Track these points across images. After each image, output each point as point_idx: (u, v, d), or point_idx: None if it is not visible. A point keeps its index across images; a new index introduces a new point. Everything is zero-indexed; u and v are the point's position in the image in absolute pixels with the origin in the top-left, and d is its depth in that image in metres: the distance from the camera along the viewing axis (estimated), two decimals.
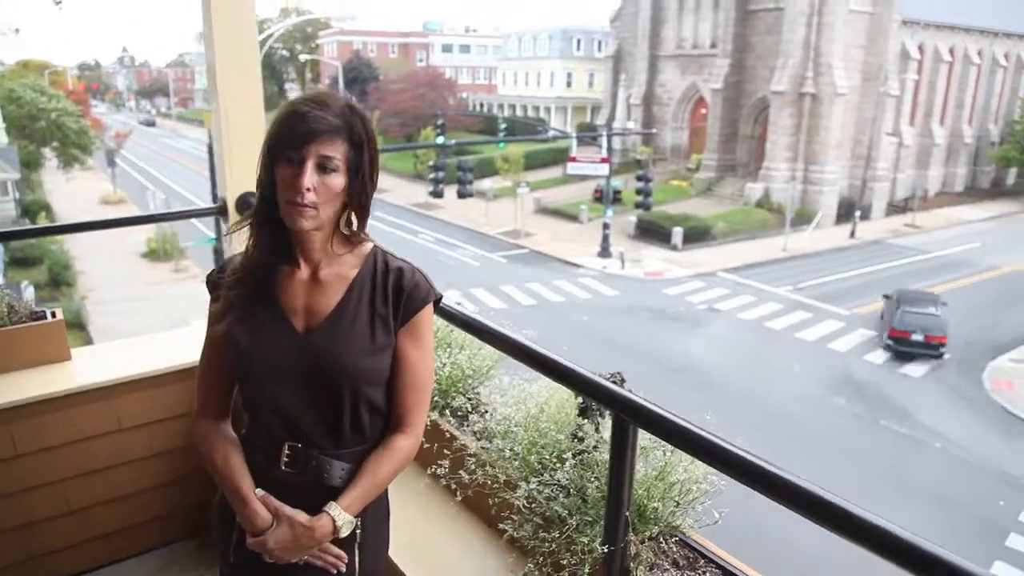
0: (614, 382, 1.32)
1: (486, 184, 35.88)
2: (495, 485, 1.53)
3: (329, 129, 1.36)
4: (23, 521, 2.56)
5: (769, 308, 22.66)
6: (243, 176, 2.77)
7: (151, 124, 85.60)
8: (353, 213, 1.47)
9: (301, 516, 1.41)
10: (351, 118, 1.40)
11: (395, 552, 1.71)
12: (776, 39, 35.22)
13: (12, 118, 32.56)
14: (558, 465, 1.41)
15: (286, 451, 1.44)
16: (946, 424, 15.22)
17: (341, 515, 1.42)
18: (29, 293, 12.82)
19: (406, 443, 1.51)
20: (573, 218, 34.38)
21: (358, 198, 1.45)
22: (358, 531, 1.48)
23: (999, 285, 25.91)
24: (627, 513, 1.22)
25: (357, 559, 1.50)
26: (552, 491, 1.39)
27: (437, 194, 26.78)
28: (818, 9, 33.78)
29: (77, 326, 19.73)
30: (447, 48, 71.71)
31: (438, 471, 1.70)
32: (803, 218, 32.56)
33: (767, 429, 14.38)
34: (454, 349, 2.01)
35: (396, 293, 1.47)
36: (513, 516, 1.49)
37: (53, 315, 2.75)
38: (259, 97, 2.74)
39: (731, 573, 1.40)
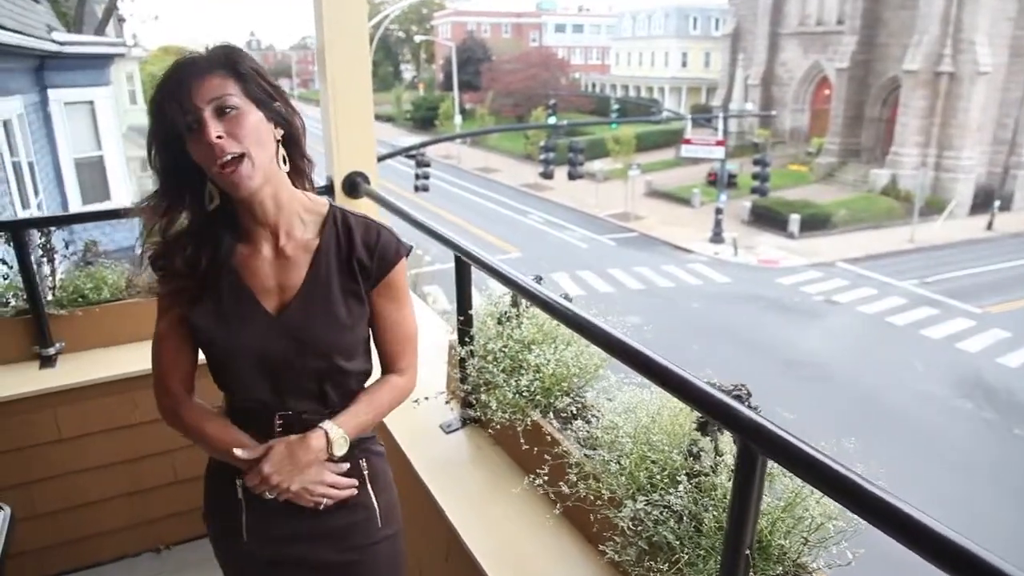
0: (737, 396, 1.17)
1: (596, 166, 35.49)
2: (598, 501, 1.40)
3: (204, 69, 1.24)
4: (132, 489, 2.66)
5: (892, 302, 21.34)
6: (352, 156, 2.76)
7: None
8: (283, 150, 1.35)
9: (292, 436, 1.35)
10: (224, 52, 1.28)
11: (483, 557, 1.63)
12: (911, 13, 32.86)
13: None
14: (670, 486, 1.27)
15: (278, 421, 1.38)
16: None
17: (334, 429, 1.36)
18: None
19: (401, 380, 1.50)
20: (685, 202, 33.53)
21: (287, 129, 1.34)
22: (364, 465, 1.46)
23: None
24: (748, 551, 1.07)
25: (371, 492, 1.47)
26: (661, 514, 1.25)
27: (547, 175, 26.65)
28: None
29: None
30: (560, 28, 71.19)
31: (536, 480, 1.59)
32: (933, 207, 30.41)
33: (885, 430, 13.59)
34: (559, 344, 1.88)
35: (366, 255, 1.40)
36: (616, 537, 1.35)
37: None
38: (367, 78, 2.71)
39: None
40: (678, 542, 1.20)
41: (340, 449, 1.37)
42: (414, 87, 70.71)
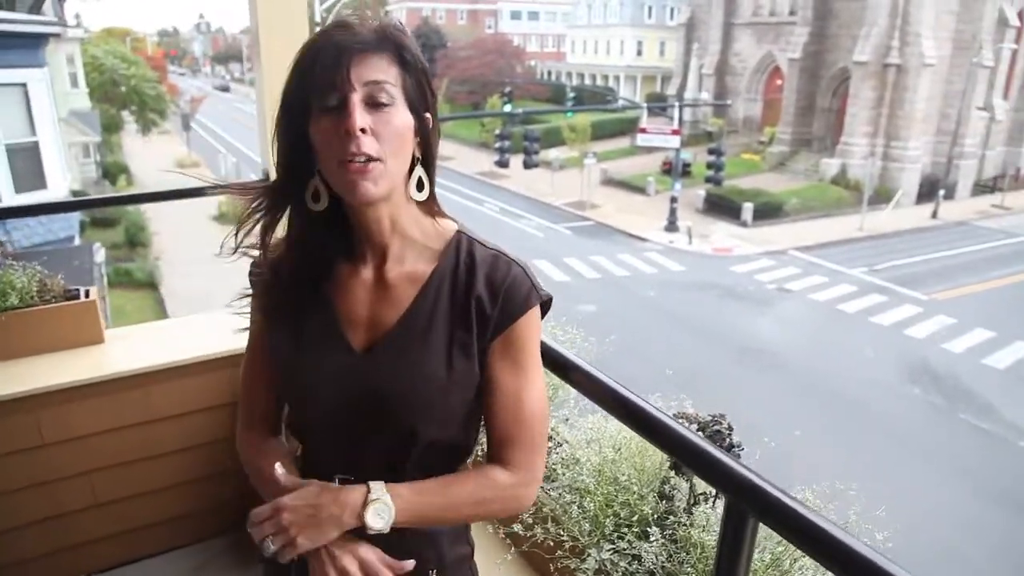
0: (716, 430, 1.01)
1: (552, 154, 35.35)
2: (558, 550, 1.23)
3: (370, 45, 1.01)
4: (49, 513, 2.42)
5: (842, 290, 21.70)
6: None
7: (225, 89, 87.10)
8: (422, 172, 1.10)
9: (332, 484, 1.07)
10: (394, 33, 1.04)
11: None
12: (860, 6, 33.37)
13: (95, 84, 33.44)
14: (638, 535, 1.10)
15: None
16: None
17: (382, 492, 1.03)
18: (101, 255, 13.09)
19: (504, 477, 1.10)
20: (640, 190, 33.63)
21: (426, 147, 1.09)
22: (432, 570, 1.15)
23: None
24: None
25: None
26: (630, 566, 1.09)
27: (503, 163, 26.48)
28: None
29: (150, 286, 20.36)
30: (516, 15, 70.71)
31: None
32: (882, 196, 31.03)
33: (837, 415, 13.80)
34: None
35: (488, 296, 1.09)
36: None
37: (87, 294, 2.57)
38: None
39: None
40: None
41: (376, 519, 1.02)
42: None
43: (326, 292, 1.14)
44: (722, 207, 29.59)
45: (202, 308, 3.17)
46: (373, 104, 1.01)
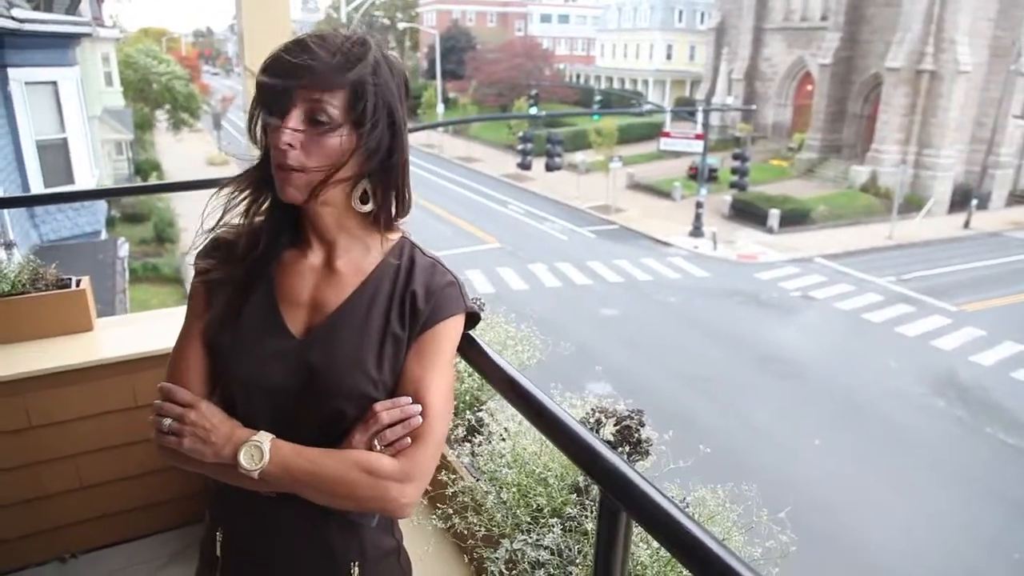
0: (626, 425, 1.01)
1: (578, 157, 35.32)
2: (470, 540, 1.24)
3: (320, 68, 1.05)
4: (33, 495, 2.49)
5: (868, 299, 21.39)
6: None
7: None
8: (371, 188, 1.15)
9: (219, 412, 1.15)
10: (356, 52, 1.08)
11: None
12: (895, 11, 32.88)
13: (128, 82, 34.07)
14: (550, 526, 1.11)
15: None
16: None
17: (263, 440, 1.09)
18: (124, 250, 13.35)
19: (386, 464, 1.09)
20: (666, 195, 33.45)
21: (379, 167, 1.14)
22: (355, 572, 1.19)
23: None
24: None
25: None
26: (540, 557, 1.09)
27: (525, 166, 26.48)
28: None
29: (176, 281, 20.70)
30: (546, 18, 70.75)
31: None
32: (912, 205, 30.55)
33: (856, 428, 13.60)
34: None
35: (423, 295, 1.16)
36: None
37: (78, 283, 2.65)
38: None
39: None
40: None
41: (247, 459, 1.08)
42: None
43: (271, 272, 1.20)
44: (748, 213, 29.32)
45: None
46: (313, 121, 1.08)
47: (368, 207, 1.17)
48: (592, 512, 1.11)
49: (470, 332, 1.27)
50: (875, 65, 34.36)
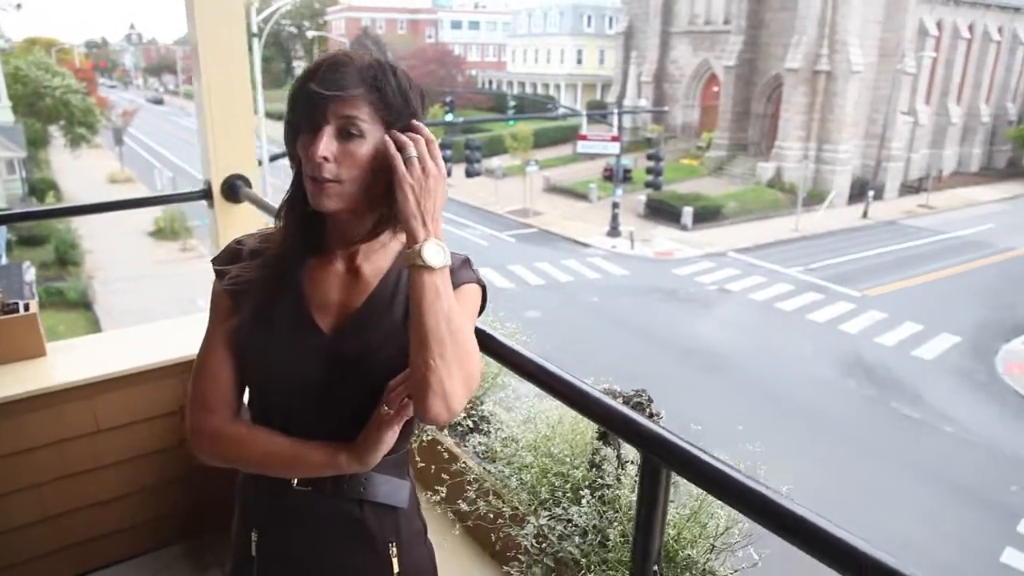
0: (638, 401, 1.12)
1: (495, 162, 35.57)
2: (499, 519, 1.33)
3: (349, 85, 1.13)
4: None
5: (780, 289, 22.37)
6: (230, 158, 2.57)
7: (159, 102, 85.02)
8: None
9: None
10: (378, 72, 1.16)
11: None
12: (791, 15, 34.55)
13: (18, 96, 32.32)
14: (573, 500, 1.21)
15: None
16: (957, 408, 15.00)
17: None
18: (31, 274, 12.68)
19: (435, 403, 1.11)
20: (582, 197, 34.05)
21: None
22: (393, 550, 1.27)
23: (1015, 266, 25.49)
24: (655, 567, 1.02)
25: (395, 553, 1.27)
26: (566, 529, 1.19)
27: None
28: None
29: (83, 305, 19.71)
30: (456, 25, 70.96)
31: (432, 497, 1.49)
32: (815, 198, 32.13)
33: (778, 411, 14.23)
34: None
35: None
36: (520, 556, 1.28)
37: (26, 308, 2.57)
38: (245, 75, 2.52)
39: None
40: (584, 558, 1.15)
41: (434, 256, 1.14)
42: None
43: (298, 279, 1.26)
44: (663, 211, 30.18)
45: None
46: (344, 134, 1.14)
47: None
48: (609, 482, 1.22)
49: (483, 328, 1.34)
50: (775, 67, 35.95)
